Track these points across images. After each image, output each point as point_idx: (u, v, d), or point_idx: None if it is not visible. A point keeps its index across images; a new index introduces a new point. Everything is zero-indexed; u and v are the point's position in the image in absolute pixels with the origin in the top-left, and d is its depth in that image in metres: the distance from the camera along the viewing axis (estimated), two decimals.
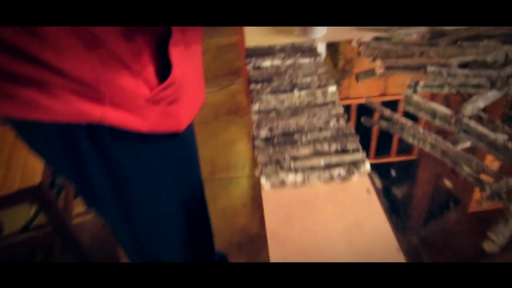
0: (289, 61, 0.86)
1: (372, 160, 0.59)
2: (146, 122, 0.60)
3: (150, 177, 0.68)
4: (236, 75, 2.57)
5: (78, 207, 1.62)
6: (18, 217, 1.52)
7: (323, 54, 0.91)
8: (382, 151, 0.90)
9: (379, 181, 0.64)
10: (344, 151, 0.61)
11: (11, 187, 1.16)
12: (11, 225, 1.49)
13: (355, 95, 0.83)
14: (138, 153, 0.64)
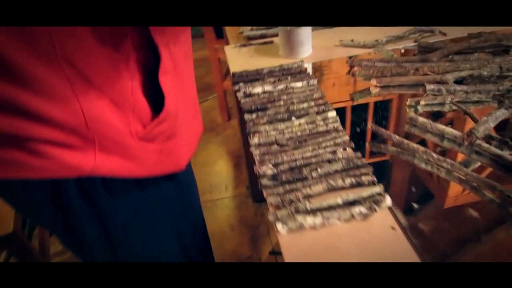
0: (281, 86, 0.82)
1: None
2: (142, 166, 0.54)
3: (149, 225, 0.62)
4: (209, 91, 2.51)
5: (55, 246, 1.51)
6: None
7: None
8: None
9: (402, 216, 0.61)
10: (360, 185, 0.58)
11: None
12: None
13: (328, 100, 0.81)
14: (134, 201, 0.58)
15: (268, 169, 0.61)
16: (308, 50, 0.94)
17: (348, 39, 0.98)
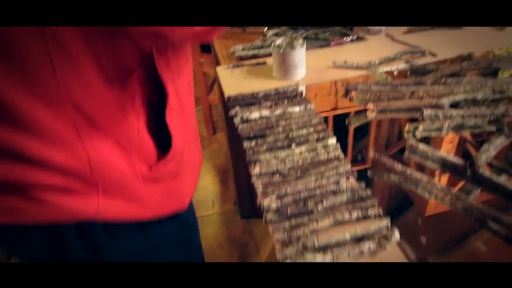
0: (278, 111, 0.81)
1: None
2: (146, 208, 0.51)
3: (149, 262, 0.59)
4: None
5: None
6: None
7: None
8: None
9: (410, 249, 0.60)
10: (366, 217, 0.57)
11: None
12: None
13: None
14: (135, 241, 0.55)
15: (272, 202, 0.60)
16: (302, 72, 0.94)
17: (341, 60, 0.98)
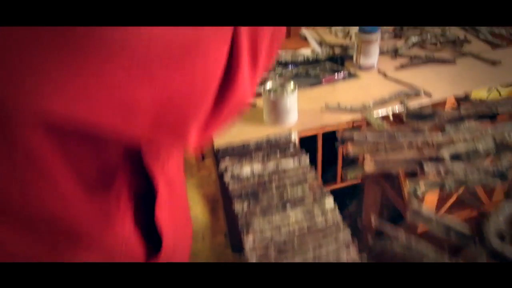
0: (271, 165, 0.76)
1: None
2: None
3: None
4: None
5: None
6: None
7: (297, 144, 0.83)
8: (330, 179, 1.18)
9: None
10: None
11: None
12: None
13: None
14: None
15: None
16: (294, 118, 0.90)
17: (334, 101, 0.94)
